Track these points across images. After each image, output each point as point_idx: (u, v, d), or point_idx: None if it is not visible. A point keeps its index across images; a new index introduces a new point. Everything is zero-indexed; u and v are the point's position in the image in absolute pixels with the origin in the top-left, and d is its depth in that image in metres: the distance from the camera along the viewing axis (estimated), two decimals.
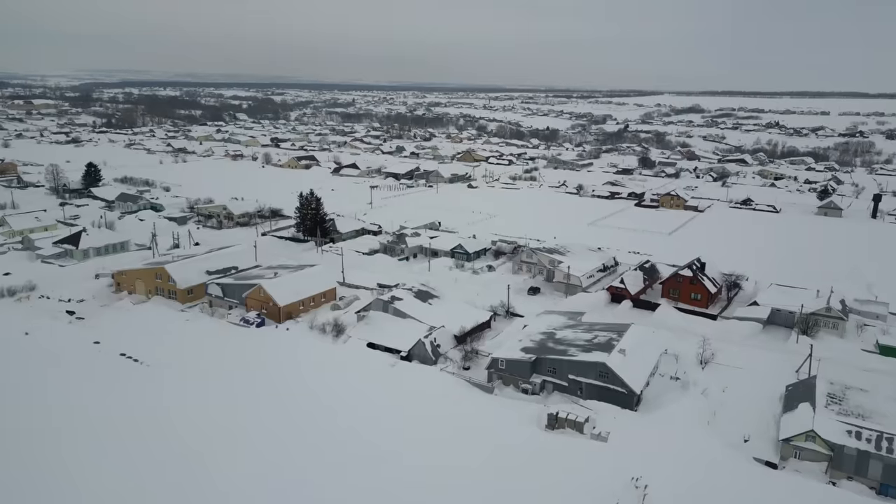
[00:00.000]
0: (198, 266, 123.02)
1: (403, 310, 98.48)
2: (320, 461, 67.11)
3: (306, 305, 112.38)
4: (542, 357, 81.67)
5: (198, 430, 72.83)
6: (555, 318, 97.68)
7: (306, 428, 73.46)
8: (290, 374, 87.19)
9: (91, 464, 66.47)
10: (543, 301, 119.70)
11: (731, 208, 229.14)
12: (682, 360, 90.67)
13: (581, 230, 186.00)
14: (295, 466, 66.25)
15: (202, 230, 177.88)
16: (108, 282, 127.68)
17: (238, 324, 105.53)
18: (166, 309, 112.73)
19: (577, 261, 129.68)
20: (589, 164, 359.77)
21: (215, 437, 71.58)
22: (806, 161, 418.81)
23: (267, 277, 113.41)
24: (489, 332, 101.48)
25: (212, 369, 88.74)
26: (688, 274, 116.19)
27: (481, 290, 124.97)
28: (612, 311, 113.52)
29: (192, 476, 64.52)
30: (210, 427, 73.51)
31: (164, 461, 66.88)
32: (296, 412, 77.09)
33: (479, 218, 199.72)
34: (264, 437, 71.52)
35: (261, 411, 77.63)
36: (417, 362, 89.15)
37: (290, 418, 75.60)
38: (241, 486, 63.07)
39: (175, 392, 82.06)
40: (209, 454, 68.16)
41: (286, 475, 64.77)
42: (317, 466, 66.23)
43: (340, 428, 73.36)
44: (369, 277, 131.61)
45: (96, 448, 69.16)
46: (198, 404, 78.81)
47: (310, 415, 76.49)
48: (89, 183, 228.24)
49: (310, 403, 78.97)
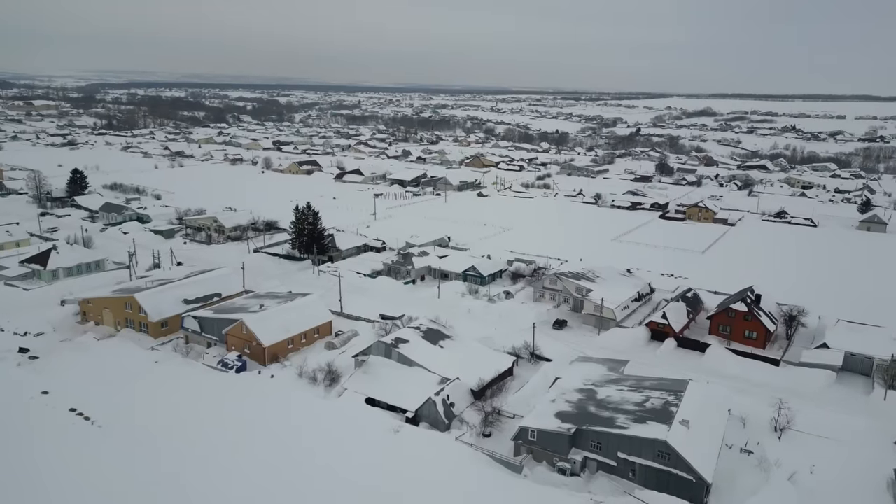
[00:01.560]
0: (174, 294, 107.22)
1: (410, 356, 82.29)
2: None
3: (297, 344, 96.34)
4: (584, 428, 65.27)
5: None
6: (592, 369, 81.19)
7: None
8: (270, 440, 71.12)
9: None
10: (572, 337, 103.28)
11: (764, 221, 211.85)
12: (750, 423, 74.17)
13: (604, 247, 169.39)
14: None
15: (189, 245, 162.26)
16: (75, 309, 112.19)
17: (215, 367, 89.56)
18: (134, 347, 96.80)
19: (609, 288, 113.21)
20: (604, 171, 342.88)
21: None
22: (829, 167, 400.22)
23: (251, 310, 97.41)
24: (511, 382, 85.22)
25: (176, 430, 72.80)
26: (742, 308, 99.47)
27: (499, 322, 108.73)
28: (654, 352, 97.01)
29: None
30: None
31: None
32: (277, 490, 61.13)
33: (491, 232, 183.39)
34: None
35: (231, 487, 61.75)
36: (426, 426, 72.92)
37: (269, 498, 59.72)
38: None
39: (126, 461, 66.20)
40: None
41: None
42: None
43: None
44: (370, 305, 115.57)
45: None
46: (152, 479, 62.92)
47: (292, 497, 60.46)
48: (74, 191, 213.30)
49: (293, 480, 62.91)
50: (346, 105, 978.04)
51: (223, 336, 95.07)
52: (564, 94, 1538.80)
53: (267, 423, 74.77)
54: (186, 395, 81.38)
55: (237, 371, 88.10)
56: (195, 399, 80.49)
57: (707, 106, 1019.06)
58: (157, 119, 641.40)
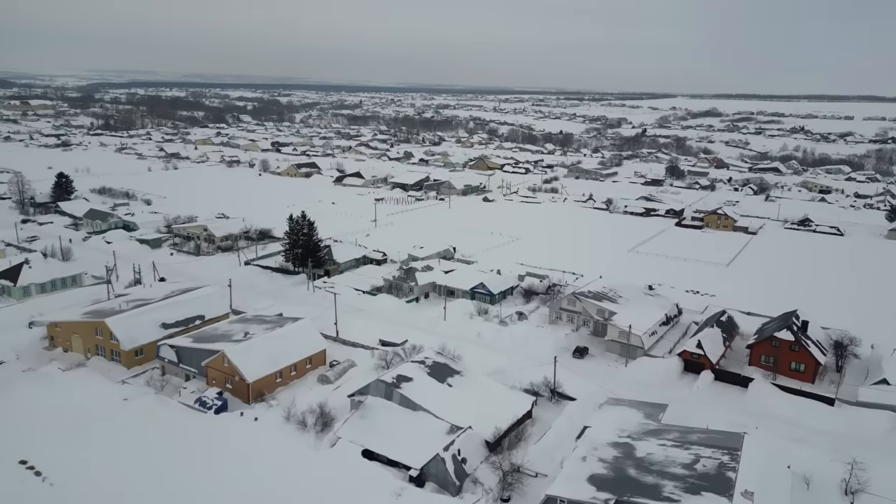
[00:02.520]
0: (151, 318, 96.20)
1: (414, 398, 71.22)
2: None
3: (286, 377, 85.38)
4: (625, 499, 54.19)
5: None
6: (626, 415, 70.11)
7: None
8: (250, 501, 60.27)
9: None
10: (595, 368, 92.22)
11: (787, 229, 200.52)
12: (815, 483, 62.97)
13: (620, 259, 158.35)
14: None
15: (176, 257, 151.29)
16: (44, 332, 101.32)
17: (192, 406, 78.61)
18: (102, 381, 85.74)
19: (633, 310, 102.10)
20: (613, 174, 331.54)
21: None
22: (843, 170, 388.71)
23: (235, 339, 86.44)
24: (531, 427, 74.15)
25: (139, 489, 61.97)
26: (788, 336, 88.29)
27: (512, 349, 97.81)
28: (690, 388, 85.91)
29: None
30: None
31: None
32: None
33: (498, 241, 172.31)
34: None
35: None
36: (434, 488, 61.89)
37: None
38: None
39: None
40: None
41: None
42: None
43: None
44: (369, 328, 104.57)
45: None
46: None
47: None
48: (58, 196, 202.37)
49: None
50: (347, 105, 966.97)
51: (203, 368, 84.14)
52: (567, 94, 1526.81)
53: (247, 481, 63.81)
54: (155, 444, 70.33)
55: (216, 411, 77.10)
56: (165, 449, 69.48)
57: (712, 106, 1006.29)
58: (155, 119, 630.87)
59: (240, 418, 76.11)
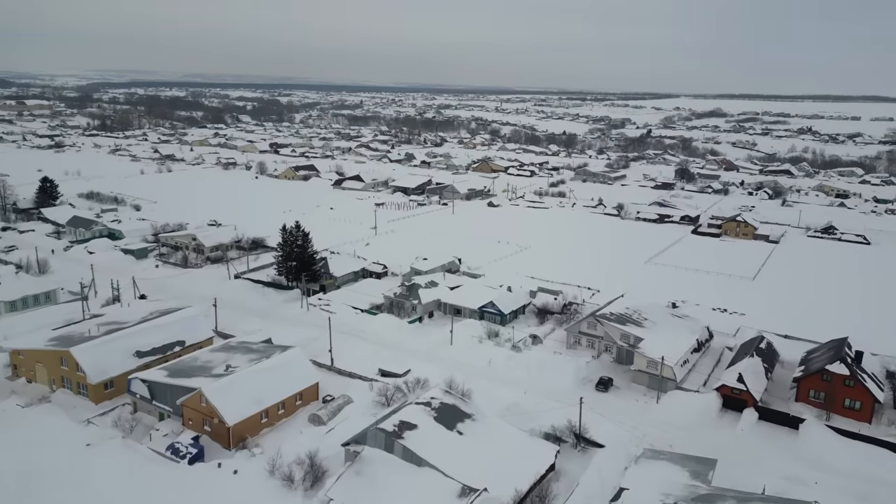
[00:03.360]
0: (124, 345, 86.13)
1: (419, 452, 60.97)
2: None
3: (272, 416, 75.21)
4: None
5: None
6: (668, 473, 59.82)
7: None
8: None
9: None
10: (623, 405, 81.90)
11: (810, 238, 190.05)
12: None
13: (636, 271, 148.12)
14: None
15: (162, 269, 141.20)
16: (7, 359, 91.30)
17: (163, 454, 68.47)
18: (65, 420, 75.58)
19: (661, 335, 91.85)
20: (622, 177, 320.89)
21: None
22: (856, 172, 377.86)
23: (214, 373, 76.23)
24: (554, 481, 63.92)
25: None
26: (842, 370, 78.02)
27: (528, 379, 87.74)
28: (732, 428, 75.62)
29: None
30: None
31: None
32: None
33: (506, 251, 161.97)
34: None
35: None
36: None
37: None
38: None
39: None
40: None
41: None
42: None
43: None
44: (368, 355, 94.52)
45: None
46: None
47: None
48: (42, 201, 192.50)
49: None
50: (347, 105, 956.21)
51: (178, 407, 73.99)
52: (570, 94, 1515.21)
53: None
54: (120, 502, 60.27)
55: (190, 461, 66.92)
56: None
57: (717, 106, 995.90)
58: (152, 119, 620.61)
59: (217, 470, 65.89)
